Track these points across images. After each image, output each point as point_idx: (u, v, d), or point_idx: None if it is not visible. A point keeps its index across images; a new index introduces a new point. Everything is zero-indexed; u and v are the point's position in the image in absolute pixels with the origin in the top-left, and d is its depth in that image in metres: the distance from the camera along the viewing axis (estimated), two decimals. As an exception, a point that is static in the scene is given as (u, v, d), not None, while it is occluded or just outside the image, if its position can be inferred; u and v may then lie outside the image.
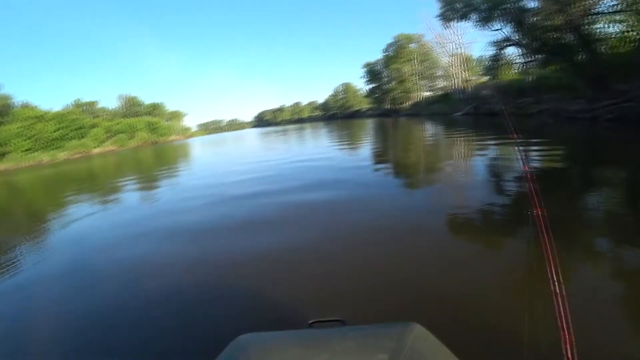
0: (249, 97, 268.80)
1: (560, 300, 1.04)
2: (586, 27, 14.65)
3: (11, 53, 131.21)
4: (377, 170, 7.98)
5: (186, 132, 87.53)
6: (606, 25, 14.81)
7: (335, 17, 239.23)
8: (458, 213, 4.10)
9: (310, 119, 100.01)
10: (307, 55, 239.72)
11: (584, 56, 14.84)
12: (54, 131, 51.85)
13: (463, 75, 34.00)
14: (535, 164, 6.22)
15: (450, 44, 35.35)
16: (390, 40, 49.89)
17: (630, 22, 13.72)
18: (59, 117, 54.67)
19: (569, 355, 0.90)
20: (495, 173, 6.13)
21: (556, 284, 1.11)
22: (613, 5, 13.81)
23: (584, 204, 4.07)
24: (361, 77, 61.60)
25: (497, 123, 17.37)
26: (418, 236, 3.47)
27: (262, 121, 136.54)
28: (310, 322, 1.08)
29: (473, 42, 33.58)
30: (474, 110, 27.69)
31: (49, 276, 3.85)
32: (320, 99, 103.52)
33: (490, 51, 21.55)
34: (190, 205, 6.42)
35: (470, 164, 7.41)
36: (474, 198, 4.62)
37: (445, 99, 38.56)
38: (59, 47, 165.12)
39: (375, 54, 67.67)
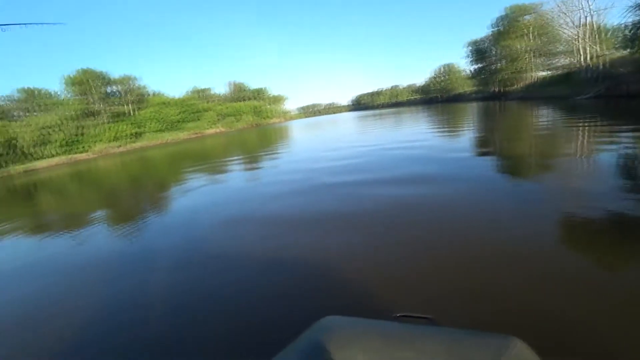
0: (347, 81, 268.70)
1: None
2: None
3: (141, 50, 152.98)
4: (479, 163, 7.14)
5: (286, 115, 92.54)
6: None
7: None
8: (576, 222, 3.44)
9: (409, 103, 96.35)
10: (405, 36, 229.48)
11: None
12: (176, 115, 61.65)
13: (592, 50, 28.51)
14: None
15: (578, 11, 29.73)
16: (500, 14, 44.47)
17: None
18: (180, 103, 64.88)
19: None
20: (632, 175, 4.94)
21: None
22: None
23: None
24: (465, 57, 56.63)
25: (636, 108, 13.98)
26: (524, 248, 2.96)
27: (359, 105, 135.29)
28: (397, 314, 1.04)
29: (608, 7, 27.58)
30: (605, 91, 23.03)
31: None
32: (420, 81, 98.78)
33: (631, 18, 17.45)
34: (280, 190, 6.80)
35: (595, 163, 5.91)
36: (597, 204, 3.74)
37: (567, 79, 32.79)
38: (180, 41, 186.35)
39: (482, 31, 61.57)
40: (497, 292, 2.37)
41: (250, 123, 72.15)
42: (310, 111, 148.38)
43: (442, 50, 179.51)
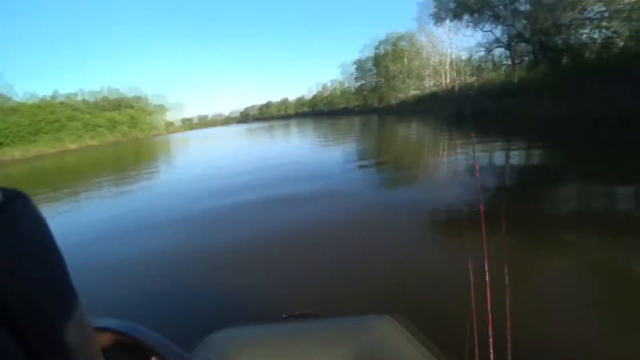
0: (235, 93, 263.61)
1: (487, 285, 1.17)
2: (573, 32, 15.43)
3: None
4: (359, 168, 7.72)
5: (169, 128, 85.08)
6: (592, 32, 15.69)
7: (325, 14, 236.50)
8: (429, 212, 4.19)
9: (297, 116, 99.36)
10: (295, 52, 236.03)
11: (568, 59, 15.57)
12: (28, 124, 48.57)
13: (451, 75, 34.81)
14: (501, 161, 6.86)
15: (441, 43, 36.23)
16: (382, 38, 50.63)
17: (615, 29, 14.48)
18: (33, 110, 51.33)
19: (509, 337, 1.02)
20: (467, 171, 6.27)
21: (486, 272, 1.24)
22: (600, 12, 14.56)
23: (538, 199, 4.36)
24: (350, 74, 62.23)
25: (483, 123, 18.01)
26: (393, 235, 3.47)
27: (248, 117, 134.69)
28: (284, 316, 1.08)
29: (463, 42, 34.43)
30: (461, 109, 28.49)
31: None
32: (308, 95, 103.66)
33: (479, 52, 22.34)
34: (155, 221, 5.21)
35: (448, 164, 7.46)
36: (445, 196, 4.75)
37: (433, 98, 39.35)
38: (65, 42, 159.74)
39: (366, 52, 68.41)
40: (364, 266, 2.84)
41: (126, 135, 64.08)
42: (197, 123, 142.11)
43: (329, 66, 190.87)
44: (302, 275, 2.83)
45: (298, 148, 13.51)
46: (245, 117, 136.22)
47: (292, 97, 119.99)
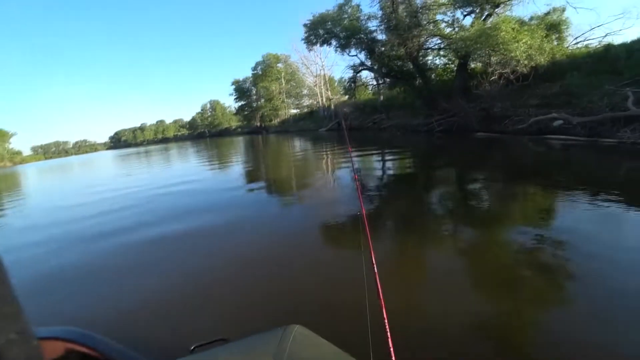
0: (103, 115, 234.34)
1: (376, 276, 1.37)
2: (421, 58, 18.34)
3: None
4: (248, 191, 7.26)
5: (14, 158, 68.63)
6: (434, 58, 19.02)
7: (203, 32, 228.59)
8: (317, 223, 4.42)
9: (176, 139, 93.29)
10: (172, 70, 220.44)
11: (420, 81, 18.36)
12: None
13: (326, 95, 37.44)
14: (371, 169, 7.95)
15: (314, 65, 38.80)
16: (259, 59, 51.72)
17: (450, 57, 17.80)
18: None
19: (385, 314, 1.14)
20: (348, 182, 6.84)
21: (374, 265, 1.46)
22: (438, 43, 17.68)
23: (404, 202, 5.09)
24: (230, 95, 61.60)
25: (356, 137, 19.91)
26: (291, 251, 3.58)
27: (119, 142, 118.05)
28: (192, 347, 1.05)
29: (334, 64, 37.53)
30: (337, 126, 30.86)
31: None
32: (187, 116, 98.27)
33: (349, 74, 24.63)
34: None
35: (332, 177, 7.92)
36: (329, 207, 5.11)
37: (311, 116, 41.77)
38: None
39: (245, 72, 68.73)
40: (267, 283, 2.89)
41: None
42: (54, 151, 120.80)
43: (208, 86, 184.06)
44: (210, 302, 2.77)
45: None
46: (116, 143, 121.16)
47: (169, 119, 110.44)
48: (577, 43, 15.22)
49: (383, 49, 19.42)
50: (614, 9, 29.91)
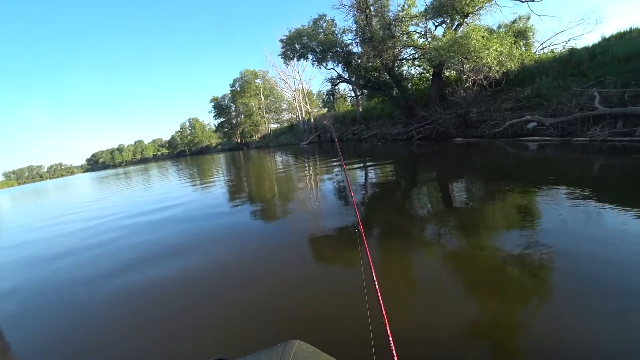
0: (79, 137, 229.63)
1: (378, 292, 1.38)
2: (396, 69, 18.77)
3: None
4: (234, 213, 6.60)
5: None
6: (410, 68, 19.53)
7: (180, 50, 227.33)
8: (309, 239, 4.37)
9: (156, 158, 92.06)
10: (149, 90, 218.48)
11: (397, 91, 18.75)
12: None
13: (305, 108, 37.72)
14: (361, 180, 7.97)
15: (292, 79, 39.12)
16: (236, 76, 51.81)
17: (424, 66, 18.31)
18: None
19: (387, 325, 1.16)
20: (337, 195, 6.83)
21: (375, 281, 1.46)
22: (412, 54, 18.19)
23: (394, 212, 5.03)
24: (209, 112, 61.28)
25: (337, 148, 20.08)
26: (289, 271, 3.48)
27: (96, 164, 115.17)
28: None
29: (312, 78, 37.97)
30: (317, 138, 31.10)
31: None
32: (166, 136, 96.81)
33: (327, 86, 24.95)
34: None
35: (318, 190, 7.84)
36: (321, 223, 5.00)
37: (291, 130, 41.98)
38: None
39: (224, 89, 68.68)
40: (265, 301, 2.82)
41: None
42: (28, 176, 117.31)
43: (187, 104, 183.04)
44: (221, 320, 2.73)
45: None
46: (93, 165, 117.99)
47: (148, 139, 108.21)
48: (543, 48, 15.96)
49: (359, 61, 19.77)
50: (574, 16, 31.47)
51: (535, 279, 2.56)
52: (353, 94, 26.04)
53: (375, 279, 1.51)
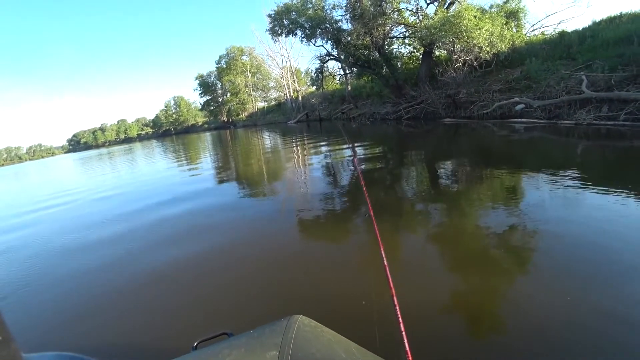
0: (59, 117, 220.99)
1: (386, 268, 1.45)
2: (387, 47, 18.54)
3: None
4: (220, 187, 7.14)
5: None
6: (400, 47, 19.30)
7: (164, 25, 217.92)
8: (310, 216, 4.40)
9: (140, 138, 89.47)
10: (131, 66, 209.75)
11: (386, 70, 18.57)
12: None
13: (293, 86, 37.16)
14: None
15: (280, 57, 38.32)
16: (222, 52, 50.40)
17: (415, 45, 18.12)
18: None
19: (395, 302, 1.19)
20: (332, 174, 6.81)
21: (383, 257, 1.57)
22: (403, 32, 17.95)
23: (398, 190, 5.12)
24: (194, 90, 59.56)
25: (326, 127, 19.92)
26: (285, 246, 3.58)
27: (78, 144, 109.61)
28: (195, 344, 1.04)
29: (300, 56, 37.22)
30: (305, 117, 30.81)
31: None
32: (150, 114, 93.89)
33: (316, 64, 24.51)
34: None
35: (310, 169, 7.82)
36: (320, 200, 4.95)
37: (279, 108, 41.44)
38: None
39: (209, 66, 66.69)
40: (264, 278, 2.88)
41: None
42: (6, 158, 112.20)
43: (171, 82, 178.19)
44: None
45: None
46: (74, 145, 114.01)
47: (131, 118, 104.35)
48: (534, 30, 15.93)
49: (349, 38, 19.38)
50: (565, -3, 31.27)
51: (519, 255, 2.63)
52: (342, 72, 25.69)
53: (383, 254, 1.55)
